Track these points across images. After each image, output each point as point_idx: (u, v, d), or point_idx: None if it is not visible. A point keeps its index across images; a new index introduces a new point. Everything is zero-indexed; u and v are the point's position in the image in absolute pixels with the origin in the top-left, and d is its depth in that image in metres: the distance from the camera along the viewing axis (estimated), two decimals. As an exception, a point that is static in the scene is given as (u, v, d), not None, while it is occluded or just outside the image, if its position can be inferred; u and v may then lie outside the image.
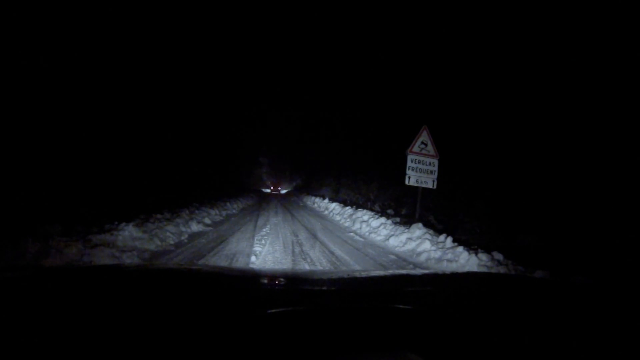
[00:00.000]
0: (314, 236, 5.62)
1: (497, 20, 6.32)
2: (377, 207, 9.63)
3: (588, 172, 4.32)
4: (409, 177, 5.72)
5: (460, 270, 3.67)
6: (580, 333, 0.72)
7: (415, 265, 4.10)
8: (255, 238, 5.02)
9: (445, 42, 8.00)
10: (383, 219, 6.69)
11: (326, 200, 12.48)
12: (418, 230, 5.19)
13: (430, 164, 5.81)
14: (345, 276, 1.50)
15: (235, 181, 21.33)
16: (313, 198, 15.03)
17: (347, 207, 9.40)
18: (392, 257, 4.46)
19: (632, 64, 4.12)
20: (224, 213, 8.09)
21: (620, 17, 4.30)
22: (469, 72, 7.08)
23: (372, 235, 5.97)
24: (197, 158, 13.32)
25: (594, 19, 4.59)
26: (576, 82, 4.74)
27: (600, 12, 4.51)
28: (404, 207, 8.55)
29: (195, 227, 5.54)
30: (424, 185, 5.81)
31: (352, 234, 6.30)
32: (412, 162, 5.72)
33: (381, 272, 2.46)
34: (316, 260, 3.89)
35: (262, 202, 13.67)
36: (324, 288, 1.12)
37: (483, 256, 3.83)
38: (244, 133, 26.26)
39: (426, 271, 3.09)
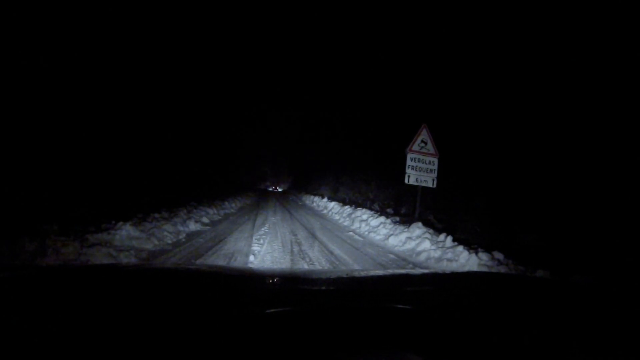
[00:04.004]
0: (313, 235, 5.61)
1: (497, 19, 6.32)
2: (376, 206, 9.63)
3: (589, 172, 4.32)
4: (409, 176, 5.72)
5: (461, 269, 3.68)
6: (580, 333, 0.72)
7: (415, 265, 4.10)
8: (254, 237, 5.00)
9: (445, 41, 8.00)
10: (382, 218, 6.69)
11: (325, 199, 12.48)
12: (418, 229, 5.18)
13: (430, 163, 5.81)
14: (344, 276, 1.49)
15: (234, 181, 21.37)
16: (312, 197, 15.05)
17: (346, 206, 9.41)
18: (392, 256, 4.45)
19: (632, 64, 4.12)
20: (222, 212, 8.07)
21: (621, 16, 4.30)
22: (468, 71, 7.07)
23: (372, 234, 5.96)
24: (196, 158, 13.34)
25: (594, 18, 4.59)
26: (577, 81, 4.74)
27: (601, 11, 4.51)
28: (403, 206, 8.55)
29: (193, 226, 5.52)
30: (423, 184, 5.81)
31: (351, 233, 6.29)
32: (411, 160, 5.72)
33: (380, 272, 2.44)
34: (315, 260, 3.87)
35: (261, 201, 13.66)
36: (323, 288, 1.11)
37: (483, 255, 3.83)
38: (244, 133, 26.33)
39: (426, 271, 3.09)
